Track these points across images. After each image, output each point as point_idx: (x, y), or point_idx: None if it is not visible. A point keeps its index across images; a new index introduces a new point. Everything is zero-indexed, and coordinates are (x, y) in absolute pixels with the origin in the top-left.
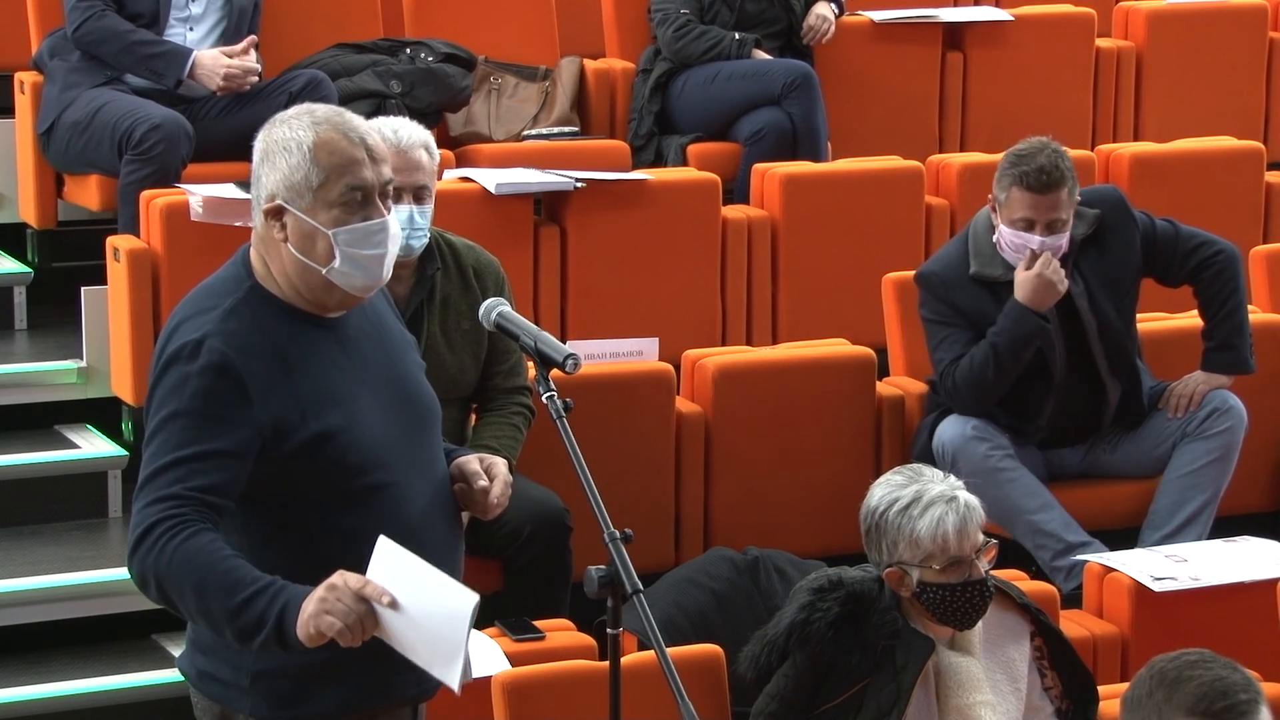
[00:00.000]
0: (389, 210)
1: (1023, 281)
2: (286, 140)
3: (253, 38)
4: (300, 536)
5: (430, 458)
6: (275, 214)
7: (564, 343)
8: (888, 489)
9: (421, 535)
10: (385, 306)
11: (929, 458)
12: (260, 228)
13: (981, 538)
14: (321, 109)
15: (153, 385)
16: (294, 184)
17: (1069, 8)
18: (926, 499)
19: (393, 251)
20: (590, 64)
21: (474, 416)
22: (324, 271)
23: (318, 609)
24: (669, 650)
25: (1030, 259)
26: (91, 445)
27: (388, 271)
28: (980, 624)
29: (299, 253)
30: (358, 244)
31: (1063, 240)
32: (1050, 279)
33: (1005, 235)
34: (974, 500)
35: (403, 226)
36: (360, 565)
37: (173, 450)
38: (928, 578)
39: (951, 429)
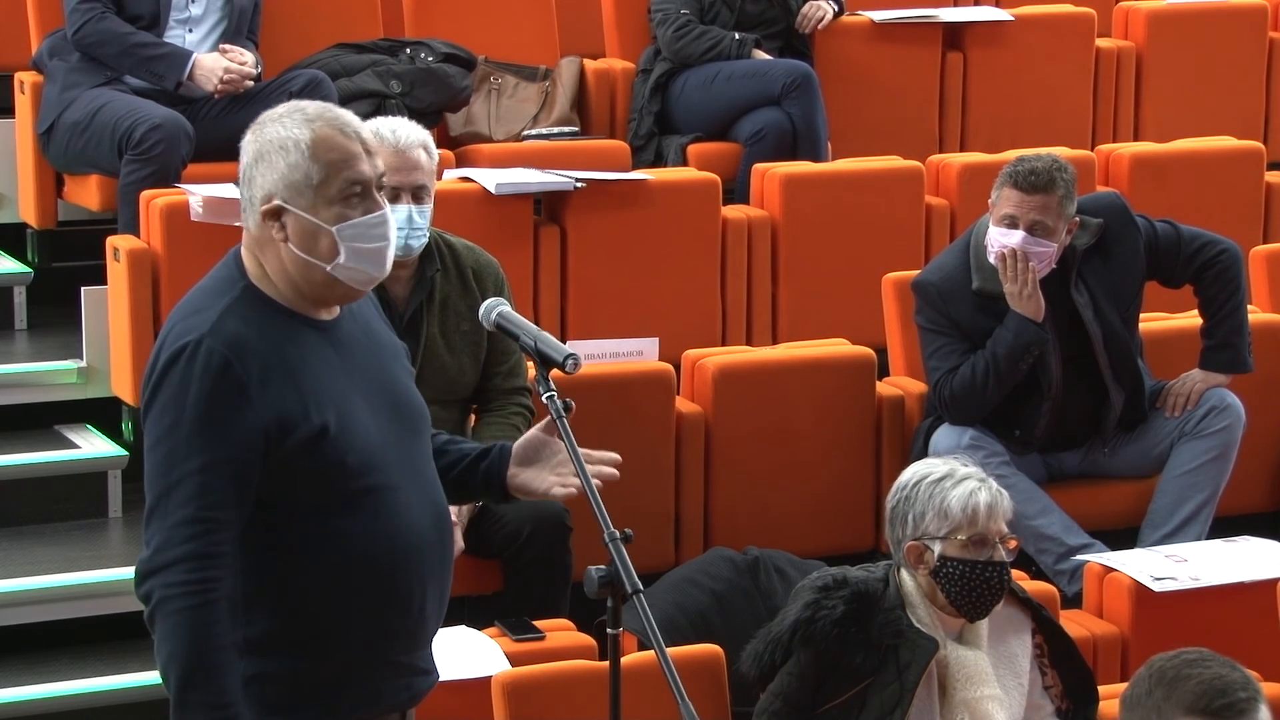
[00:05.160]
0: (385, 203)
1: (1011, 296)
2: (283, 139)
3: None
4: (299, 542)
5: (421, 464)
6: (274, 214)
7: (564, 343)
8: (922, 466)
9: (414, 540)
10: (374, 313)
11: None
12: (255, 229)
13: (1006, 529)
14: (311, 105)
15: (152, 390)
16: (293, 183)
17: (1069, 8)
18: (960, 475)
19: (394, 243)
20: (590, 64)
21: (474, 418)
22: (328, 268)
23: None
24: (669, 650)
25: (1006, 265)
26: (91, 445)
27: (389, 264)
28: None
29: (301, 251)
30: (360, 238)
31: (1043, 249)
32: (1029, 293)
33: (990, 233)
34: (1005, 491)
35: (401, 227)
36: (357, 569)
37: (180, 463)
38: (950, 551)
39: (947, 438)
